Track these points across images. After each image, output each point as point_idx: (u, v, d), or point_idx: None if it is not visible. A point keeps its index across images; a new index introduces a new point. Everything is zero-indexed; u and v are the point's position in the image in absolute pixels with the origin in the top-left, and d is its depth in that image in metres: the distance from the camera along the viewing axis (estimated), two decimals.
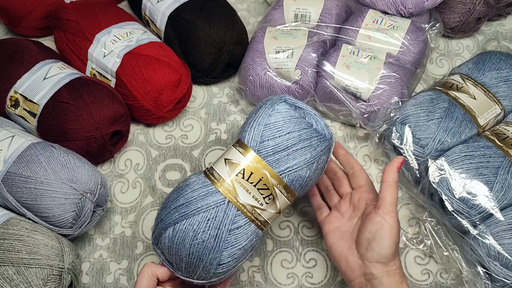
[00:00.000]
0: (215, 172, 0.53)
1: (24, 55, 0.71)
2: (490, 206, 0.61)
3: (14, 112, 0.70)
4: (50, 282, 0.57)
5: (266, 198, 0.52)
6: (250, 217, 0.52)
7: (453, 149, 0.65)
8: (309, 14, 0.79)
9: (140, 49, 0.74)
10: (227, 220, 0.51)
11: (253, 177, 0.52)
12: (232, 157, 0.53)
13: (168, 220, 0.52)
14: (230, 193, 0.51)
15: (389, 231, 0.54)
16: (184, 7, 0.78)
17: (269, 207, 0.53)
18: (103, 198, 0.65)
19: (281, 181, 0.52)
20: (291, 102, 0.55)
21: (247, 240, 0.52)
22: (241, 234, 0.51)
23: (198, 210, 0.51)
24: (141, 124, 0.78)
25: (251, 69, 0.74)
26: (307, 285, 0.65)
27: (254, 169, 0.52)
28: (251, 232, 0.52)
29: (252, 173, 0.52)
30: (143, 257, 0.67)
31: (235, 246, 0.51)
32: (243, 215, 0.52)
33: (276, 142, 0.52)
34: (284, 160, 0.52)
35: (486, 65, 0.72)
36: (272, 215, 0.54)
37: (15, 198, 0.61)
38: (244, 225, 0.52)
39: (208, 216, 0.50)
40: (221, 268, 0.51)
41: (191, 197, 0.52)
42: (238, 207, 0.51)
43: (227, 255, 0.51)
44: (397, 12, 0.76)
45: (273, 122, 0.53)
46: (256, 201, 0.52)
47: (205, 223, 0.50)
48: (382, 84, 0.71)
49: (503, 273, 0.59)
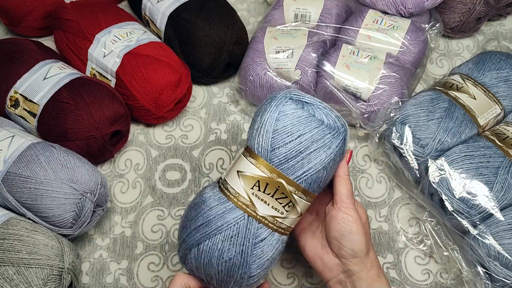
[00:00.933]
0: (229, 186, 0.51)
1: (24, 55, 0.71)
2: (490, 206, 0.61)
3: (14, 112, 0.70)
4: (50, 282, 0.57)
5: (286, 206, 0.51)
6: (272, 228, 0.51)
7: (453, 149, 0.65)
8: (309, 14, 0.79)
9: (140, 49, 0.74)
10: (250, 234, 0.50)
11: (269, 188, 0.50)
12: (244, 170, 0.51)
13: (191, 241, 0.51)
14: (248, 207, 0.50)
15: (354, 224, 0.53)
16: (184, 7, 0.78)
17: (290, 214, 0.52)
18: (103, 198, 0.65)
19: (299, 187, 0.50)
20: (297, 98, 0.52)
21: (274, 249, 0.51)
22: (267, 245, 0.51)
23: (219, 230, 0.49)
24: (141, 124, 0.78)
25: (251, 69, 0.74)
26: (307, 285, 0.65)
27: (269, 180, 0.50)
28: (276, 241, 0.51)
29: (268, 184, 0.50)
30: (143, 257, 0.67)
31: (262, 258, 0.51)
32: (265, 227, 0.50)
33: (288, 149, 0.50)
34: (299, 166, 0.50)
35: (486, 65, 0.72)
36: (294, 220, 0.53)
37: (15, 198, 0.61)
38: (268, 236, 0.51)
39: (231, 233, 0.49)
40: (252, 279, 0.51)
41: (209, 216, 0.50)
42: (259, 220, 0.50)
43: (256, 267, 0.50)
44: (397, 12, 0.76)
45: (282, 128, 0.50)
46: (276, 211, 0.50)
47: (228, 241, 0.49)
48: (382, 84, 0.71)
49: (503, 273, 0.59)
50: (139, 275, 0.66)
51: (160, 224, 0.69)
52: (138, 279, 0.65)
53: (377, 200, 0.71)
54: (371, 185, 0.72)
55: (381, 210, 0.70)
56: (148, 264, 0.67)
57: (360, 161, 0.75)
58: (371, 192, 0.72)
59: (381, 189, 0.72)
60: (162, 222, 0.70)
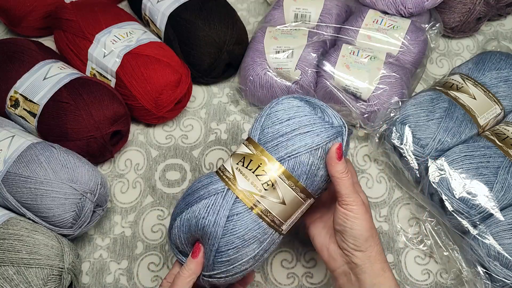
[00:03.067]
0: (222, 166, 0.54)
1: (24, 55, 0.71)
2: (490, 206, 0.61)
3: (14, 112, 0.70)
4: (50, 282, 0.57)
5: (265, 185, 0.52)
6: (248, 204, 0.51)
7: (453, 149, 0.65)
8: (309, 14, 0.79)
9: (140, 49, 0.74)
10: (226, 205, 0.51)
11: (252, 164, 0.52)
12: (237, 150, 0.55)
13: (177, 210, 0.54)
14: (230, 180, 0.52)
15: (355, 220, 0.53)
16: (184, 7, 0.78)
17: (269, 195, 0.52)
18: (103, 198, 0.65)
19: (280, 167, 0.51)
20: (299, 96, 0.55)
21: (247, 229, 0.51)
22: (240, 221, 0.51)
23: (200, 198, 0.52)
24: (141, 124, 0.78)
25: (251, 69, 0.74)
26: (307, 285, 0.65)
27: (253, 156, 0.52)
28: (251, 220, 0.51)
29: (252, 160, 0.52)
30: (143, 257, 0.67)
31: (233, 234, 0.51)
32: (241, 202, 0.51)
33: (275, 129, 0.52)
34: (283, 146, 0.52)
35: (486, 65, 0.72)
36: (274, 204, 0.52)
37: (15, 198, 0.61)
38: (243, 212, 0.51)
39: (209, 203, 0.51)
40: (220, 256, 0.51)
41: (196, 186, 0.54)
42: (237, 193, 0.51)
43: (225, 242, 0.51)
44: (397, 12, 0.76)
45: (274, 112, 0.53)
46: (254, 187, 0.52)
47: (205, 209, 0.51)
48: (382, 84, 0.71)
49: (503, 273, 0.59)
50: (139, 275, 0.66)
51: (160, 224, 0.69)
52: (138, 279, 0.65)
53: (377, 200, 0.71)
54: (371, 185, 0.72)
55: (381, 210, 0.70)
56: (148, 264, 0.67)
57: (360, 161, 0.75)
58: (371, 192, 0.72)
59: (381, 189, 0.72)
60: (162, 222, 0.70)
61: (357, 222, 0.53)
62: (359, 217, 0.53)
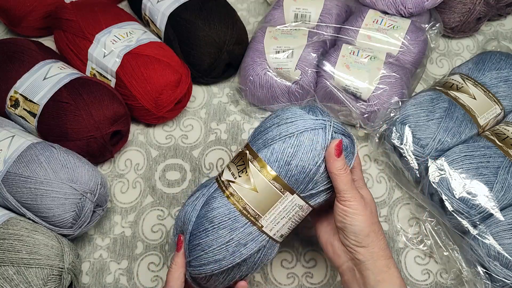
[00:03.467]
0: None
1: (24, 55, 0.71)
2: (490, 206, 0.61)
3: (14, 112, 0.70)
4: (50, 282, 0.57)
5: (240, 172, 0.54)
6: (224, 191, 0.54)
7: (453, 149, 0.65)
8: (309, 14, 0.79)
9: (140, 49, 0.74)
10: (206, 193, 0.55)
11: (237, 158, 0.56)
12: None
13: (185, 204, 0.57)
14: (219, 175, 0.56)
15: (355, 216, 0.53)
16: (184, 7, 0.78)
17: (242, 181, 0.53)
18: (103, 198, 0.65)
19: (255, 155, 0.53)
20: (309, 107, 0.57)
21: (217, 213, 0.53)
22: (213, 205, 0.53)
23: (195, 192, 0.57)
24: (141, 124, 0.78)
25: (251, 69, 0.74)
26: (307, 285, 0.65)
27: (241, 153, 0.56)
28: (222, 204, 0.53)
29: (238, 156, 0.56)
30: (143, 257, 0.67)
31: (205, 217, 0.53)
32: (220, 190, 0.54)
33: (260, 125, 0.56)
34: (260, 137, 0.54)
35: (486, 65, 0.72)
36: (247, 192, 0.52)
37: (15, 198, 0.61)
38: (218, 197, 0.53)
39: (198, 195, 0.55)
40: (193, 239, 0.53)
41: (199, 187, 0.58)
42: (219, 183, 0.55)
43: (197, 225, 0.53)
44: (397, 12, 0.76)
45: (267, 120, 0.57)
46: (232, 175, 0.54)
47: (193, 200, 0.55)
48: (382, 84, 0.71)
49: (503, 273, 0.59)
50: (139, 275, 0.66)
51: (160, 224, 0.69)
52: (138, 279, 0.65)
53: (377, 200, 0.71)
54: (371, 185, 0.72)
55: (381, 210, 0.70)
56: (148, 264, 0.67)
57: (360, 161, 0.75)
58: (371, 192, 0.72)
59: (381, 189, 0.72)
60: (162, 222, 0.70)
61: (357, 218, 0.53)
62: (358, 212, 0.53)
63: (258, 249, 0.53)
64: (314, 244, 0.68)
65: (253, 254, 0.53)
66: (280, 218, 0.54)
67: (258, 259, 0.54)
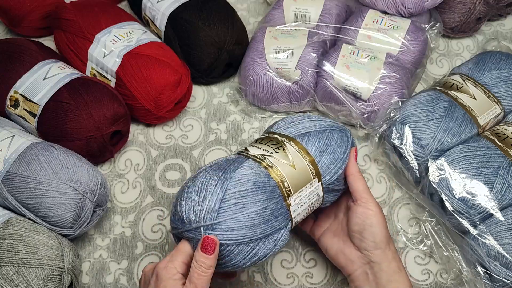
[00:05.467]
0: None
1: (24, 55, 0.71)
2: (490, 206, 0.61)
3: (14, 112, 0.70)
4: (50, 282, 0.57)
5: (276, 148, 0.55)
6: (257, 161, 0.54)
7: (453, 149, 0.65)
8: (309, 14, 0.79)
9: (140, 49, 0.74)
10: (233, 164, 0.53)
11: (267, 140, 0.57)
12: None
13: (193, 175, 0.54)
14: (243, 152, 0.56)
15: (375, 218, 0.55)
16: (184, 7, 0.78)
17: (280, 157, 0.54)
18: (103, 198, 0.65)
19: (291, 138, 0.56)
20: None
21: (252, 182, 0.51)
22: (246, 168, 0.52)
23: (213, 162, 0.55)
24: (141, 124, 0.78)
25: (251, 69, 0.74)
26: (307, 285, 0.65)
27: (269, 137, 0.58)
28: (260, 171, 0.52)
29: (266, 139, 0.57)
30: (143, 257, 0.67)
31: (242, 180, 0.51)
32: (251, 160, 0.54)
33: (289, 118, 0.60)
34: (291, 126, 0.58)
35: (486, 65, 0.72)
36: (284, 166, 0.54)
37: (15, 198, 0.61)
38: (253, 164, 0.53)
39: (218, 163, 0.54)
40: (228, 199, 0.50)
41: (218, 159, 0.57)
42: (247, 157, 0.54)
43: (234, 185, 0.51)
44: (397, 12, 0.76)
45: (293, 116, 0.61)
46: (265, 151, 0.55)
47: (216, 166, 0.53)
48: (382, 84, 0.71)
49: (503, 273, 0.59)
50: (139, 275, 0.66)
51: (160, 224, 0.69)
52: (138, 279, 0.65)
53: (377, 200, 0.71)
54: (371, 185, 0.72)
55: None
56: (148, 264, 0.67)
57: (360, 161, 0.75)
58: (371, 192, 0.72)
59: (381, 189, 0.72)
60: (162, 222, 0.70)
61: (377, 220, 0.55)
62: (378, 215, 0.56)
63: (284, 225, 0.53)
64: (314, 244, 0.68)
65: (278, 230, 0.52)
66: (303, 202, 0.55)
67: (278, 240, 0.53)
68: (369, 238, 0.55)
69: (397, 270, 0.56)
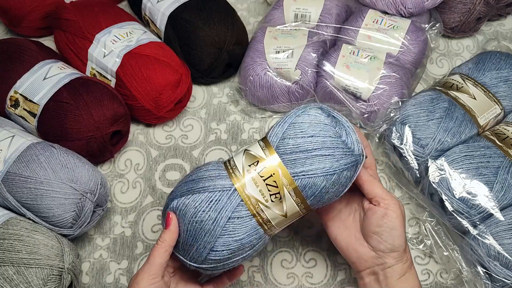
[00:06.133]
0: (232, 160, 0.54)
1: (24, 55, 0.71)
2: (490, 206, 0.61)
3: (14, 112, 0.70)
4: (50, 282, 0.57)
5: (273, 196, 0.51)
6: (252, 211, 0.51)
7: (453, 149, 0.65)
8: (309, 14, 0.79)
9: (140, 49, 0.74)
10: (229, 206, 0.51)
11: (265, 172, 0.51)
12: (251, 149, 0.53)
13: (176, 192, 0.53)
14: (239, 181, 0.51)
15: (397, 220, 0.53)
16: (184, 7, 0.78)
17: (275, 207, 0.52)
18: (103, 198, 0.65)
19: (292, 183, 0.51)
20: (326, 109, 0.53)
21: (245, 234, 0.51)
22: (240, 225, 0.51)
23: (204, 189, 0.51)
24: (141, 124, 0.78)
25: (251, 69, 0.74)
26: (307, 285, 0.65)
27: (268, 164, 0.51)
28: (251, 227, 0.51)
29: (265, 167, 0.51)
30: (143, 257, 0.67)
31: (231, 236, 0.51)
32: (245, 206, 0.51)
33: (297, 142, 0.51)
34: (301, 163, 0.50)
35: (486, 65, 0.72)
36: (276, 216, 0.52)
37: (15, 198, 0.61)
38: (245, 217, 0.51)
39: (213, 197, 0.51)
40: (214, 255, 0.51)
41: (202, 175, 0.53)
42: (243, 197, 0.51)
43: (221, 243, 0.51)
44: (397, 12, 0.76)
45: (299, 122, 0.52)
46: (262, 196, 0.51)
47: (207, 203, 0.50)
48: (382, 84, 0.71)
49: (503, 273, 0.59)
50: None
51: (160, 224, 0.69)
52: None
53: None
54: None
55: None
56: None
57: None
58: None
59: None
60: None
61: (397, 222, 0.53)
62: (400, 217, 0.53)
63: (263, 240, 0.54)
64: (314, 244, 0.68)
65: None
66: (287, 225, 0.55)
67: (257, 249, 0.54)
68: (388, 241, 0.53)
69: (407, 269, 0.55)
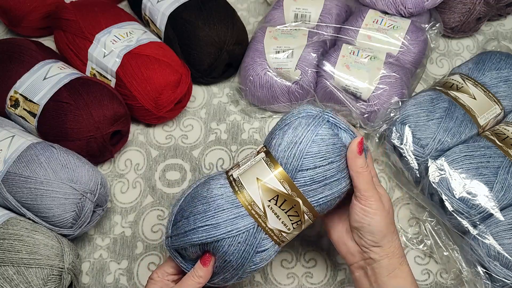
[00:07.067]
0: (245, 192, 0.51)
1: (24, 55, 0.71)
2: (490, 206, 0.61)
3: (14, 112, 0.70)
4: (50, 282, 0.57)
5: (295, 224, 0.52)
6: (276, 240, 0.52)
7: (453, 149, 0.65)
8: (309, 14, 0.79)
9: (140, 49, 0.74)
10: (255, 243, 0.50)
11: (286, 204, 0.51)
12: (265, 180, 0.51)
13: (195, 239, 0.50)
14: (260, 218, 0.50)
15: (374, 216, 0.52)
16: (184, 7, 0.78)
17: (295, 231, 0.53)
18: (103, 198, 0.65)
19: (313, 209, 0.51)
20: (333, 122, 0.52)
21: (269, 259, 0.53)
22: (266, 256, 0.52)
23: (228, 235, 0.49)
24: (141, 124, 0.78)
25: (251, 69, 0.74)
26: (307, 285, 0.65)
27: (288, 197, 0.50)
28: (274, 251, 0.53)
29: (286, 201, 0.50)
30: (143, 257, 0.67)
31: (258, 265, 0.52)
32: (270, 238, 0.51)
33: (316, 172, 0.50)
34: (320, 191, 0.51)
35: (486, 65, 0.72)
36: (294, 236, 0.54)
37: (15, 198, 0.61)
38: (270, 248, 0.52)
39: (239, 240, 0.50)
40: (238, 280, 0.53)
41: (220, 218, 0.50)
42: (267, 231, 0.51)
43: (248, 272, 0.52)
44: (397, 12, 0.76)
45: (316, 152, 0.50)
46: (284, 226, 0.51)
47: (234, 246, 0.50)
48: (382, 84, 0.71)
49: (503, 273, 0.59)
50: (139, 275, 0.66)
51: (160, 224, 0.69)
52: (138, 279, 0.65)
53: None
54: None
55: None
56: (148, 264, 0.67)
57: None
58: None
59: None
60: (162, 222, 0.70)
61: (375, 218, 0.52)
62: (377, 213, 0.52)
63: None
64: (314, 244, 0.68)
65: None
66: None
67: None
68: (367, 237, 0.53)
69: (397, 265, 0.54)
